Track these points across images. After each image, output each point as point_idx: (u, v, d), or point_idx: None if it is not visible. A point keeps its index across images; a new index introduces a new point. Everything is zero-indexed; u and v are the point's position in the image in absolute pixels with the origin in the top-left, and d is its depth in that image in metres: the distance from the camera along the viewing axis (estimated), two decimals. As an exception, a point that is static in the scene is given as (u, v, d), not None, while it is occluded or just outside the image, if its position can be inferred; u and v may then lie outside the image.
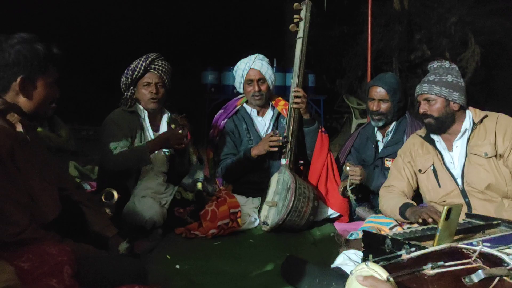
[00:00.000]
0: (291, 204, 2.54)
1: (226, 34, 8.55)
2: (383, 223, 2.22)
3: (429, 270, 1.16)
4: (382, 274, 1.15)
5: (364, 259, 1.58)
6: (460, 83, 2.20)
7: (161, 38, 8.06)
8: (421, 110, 2.23)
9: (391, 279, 1.12)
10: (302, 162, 3.05)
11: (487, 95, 10.23)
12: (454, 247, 1.31)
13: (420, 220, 1.94)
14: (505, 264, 1.22)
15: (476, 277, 1.13)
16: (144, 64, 2.67)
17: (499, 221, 1.81)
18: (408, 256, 1.25)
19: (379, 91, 2.76)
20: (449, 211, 1.61)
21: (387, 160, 2.76)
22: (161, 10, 8.79)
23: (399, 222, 2.19)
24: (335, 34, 9.74)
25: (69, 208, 1.91)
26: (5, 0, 5.59)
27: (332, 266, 1.89)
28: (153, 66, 2.70)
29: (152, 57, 2.72)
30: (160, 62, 2.74)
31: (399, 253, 1.27)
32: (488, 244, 1.34)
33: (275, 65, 6.94)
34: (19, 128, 1.61)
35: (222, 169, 2.95)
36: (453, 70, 2.23)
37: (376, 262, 1.21)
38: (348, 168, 2.70)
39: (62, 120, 3.19)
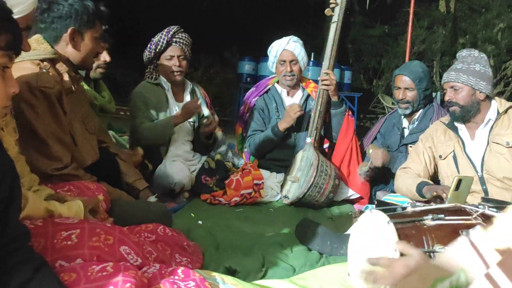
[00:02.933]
0: (312, 180, 2.63)
1: (266, 25, 8.67)
2: (398, 201, 2.28)
3: (429, 221, 1.24)
4: (383, 219, 1.24)
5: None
6: (487, 73, 2.22)
7: (200, 27, 8.29)
8: (447, 98, 2.25)
9: (391, 223, 1.21)
10: (327, 145, 3.15)
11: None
12: (458, 206, 1.38)
13: (434, 194, 2.01)
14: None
15: (473, 232, 1.20)
16: (166, 38, 2.78)
17: (514, 205, 1.85)
18: (412, 209, 1.34)
19: (405, 80, 2.80)
20: (459, 182, 1.67)
21: (410, 147, 2.81)
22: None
23: (414, 201, 2.26)
24: (376, 34, 9.69)
25: (106, 158, 2.10)
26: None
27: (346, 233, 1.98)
28: (174, 39, 2.80)
29: (174, 30, 2.81)
30: (181, 34, 2.83)
31: (404, 205, 1.36)
32: (494, 209, 1.39)
33: (312, 59, 7.01)
34: (66, 77, 1.79)
35: (250, 145, 3.07)
36: (481, 59, 2.25)
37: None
38: (371, 150, 2.77)
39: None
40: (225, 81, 8.21)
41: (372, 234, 1.31)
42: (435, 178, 2.44)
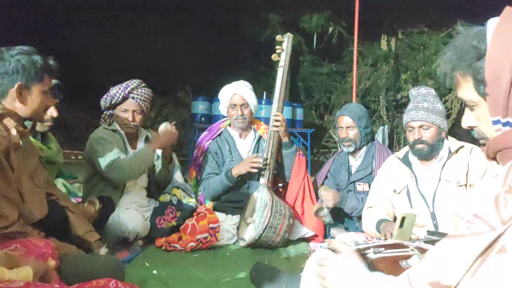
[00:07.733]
0: (267, 221, 2.67)
1: (219, 64, 8.84)
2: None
3: (371, 254, 1.32)
4: (330, 253, 1.31)
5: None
6: (444, 112, 2.33)
7: (154, 67, 8.34)
8: (416, 136, 2.27)
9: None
10: (281, 185, 3.21)
11: (474, 139, 10.53)
12: (397, 242, 1.46)
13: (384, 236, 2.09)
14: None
15: (411, 262, 1.28)
16: (123, 94, 2.79)
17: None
18: (355, 247, 1.40)
19: (346, 120, 2.97)
20: (403, 219, 1.77)
21: (358, 184, 2.94)
22: (154, 40, 9.12)
23: (369, 239, 2.32)
24: (325, 71, 10.13)
25: (55, 212, 2.04)
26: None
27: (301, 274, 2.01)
28: (131, 94, 2.81)
29: (132, 85, 2.82)
30: (139, 90, 2.84)
31: (348, 244, 1.42)
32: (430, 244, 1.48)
33: (264, 97, 7.18)
34: (14, 132, 1.76)
35: (204, 188, 3.09)
36: (437, 98, 2.34)
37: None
38: (322, 192, 2.85)
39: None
40: (179, 121, 8.21)
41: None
42: None
